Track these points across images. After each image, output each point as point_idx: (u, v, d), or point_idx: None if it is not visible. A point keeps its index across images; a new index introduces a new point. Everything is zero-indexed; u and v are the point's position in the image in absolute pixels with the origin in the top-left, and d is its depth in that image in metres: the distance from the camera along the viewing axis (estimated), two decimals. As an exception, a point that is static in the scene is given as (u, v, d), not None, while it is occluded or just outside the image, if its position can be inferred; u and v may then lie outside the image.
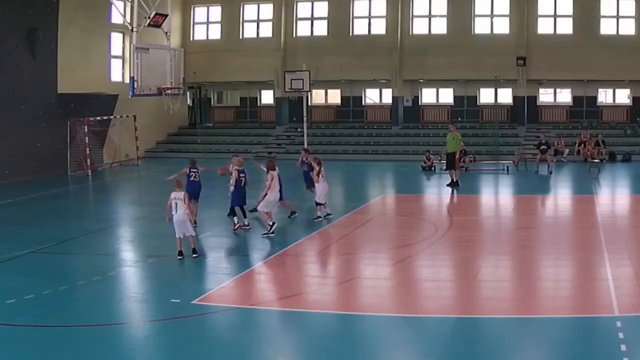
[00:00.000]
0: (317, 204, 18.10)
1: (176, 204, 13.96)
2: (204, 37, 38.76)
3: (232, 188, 17.05)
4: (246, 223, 17.21)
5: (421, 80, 36.80)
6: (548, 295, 11.78)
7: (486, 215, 20.48)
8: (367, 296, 12.18)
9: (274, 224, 16.41)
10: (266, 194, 16.46)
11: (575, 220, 19.12)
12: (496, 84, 32.64)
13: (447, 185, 24.20)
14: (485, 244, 16.03)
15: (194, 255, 14.18)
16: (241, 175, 16.93)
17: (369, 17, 36.61)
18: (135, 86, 25.10)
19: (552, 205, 22.54)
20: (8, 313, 10.95)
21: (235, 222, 17.07)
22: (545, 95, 36.25)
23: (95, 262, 14.55)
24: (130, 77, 25.94)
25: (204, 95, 40.85)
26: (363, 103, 38.47)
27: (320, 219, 17.98)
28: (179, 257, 14.09)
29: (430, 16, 35.83)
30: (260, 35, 38.06)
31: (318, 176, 17.79)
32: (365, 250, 15.57)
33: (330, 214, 18.43)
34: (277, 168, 16.90)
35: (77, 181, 28.19)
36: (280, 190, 17.43)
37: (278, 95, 37.51)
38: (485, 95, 36.12)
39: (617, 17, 33.06)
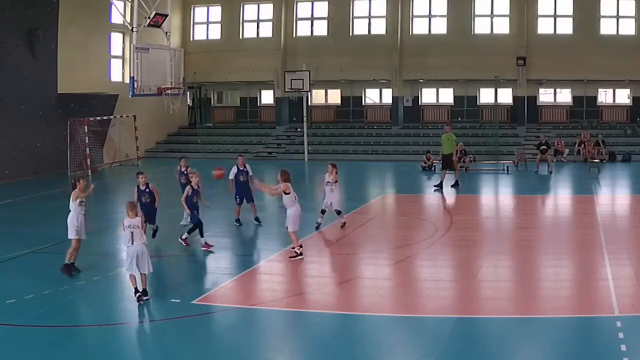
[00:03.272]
0: (337, 211, 17.43)
1: (132, 233, 11.38)
2: (204, 37, 38.78)
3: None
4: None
5: (421, 80, 36.79)
6: (548, 295, 11.77)
7: (486, 215, 20.49)
8: (367, 296, 12.18)
9: (301, 253, 14.39)
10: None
11: (575, 220, 19.10)
12: (496, 84, 32.66)
13: (435, 186, 23.76)
14: (485, 244, 16.02)
15: (145, 298, 11.47)
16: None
17: (369, 17, 36.61)
18: (135, 86, 25.10)
19: (552, 205, 22.54)
20: (8, 313, 10.95)
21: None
22: (545, 95, 36.23)
23: (95, 262, 14.54)
24: (130, 77, 25.94)
25: (204, 95, 40.86)
26: (363, 103, 38.46)
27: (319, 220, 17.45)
28: (141, 298, 11.41)
29: (430, 16, 35.84)
30: (260, 35, 38.07)
31: (336, 182, 17.17)
32: (365, 250, 15.56)
33: (320, 223, 17.52)
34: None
35: (77, 181, 28.13)
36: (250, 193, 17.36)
37: (278, 95, 37.52)
38: (485, 95, 36.10)
39: (617, 17, 33.06)
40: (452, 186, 24.10)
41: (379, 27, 36.44)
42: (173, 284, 13.03)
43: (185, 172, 17.05)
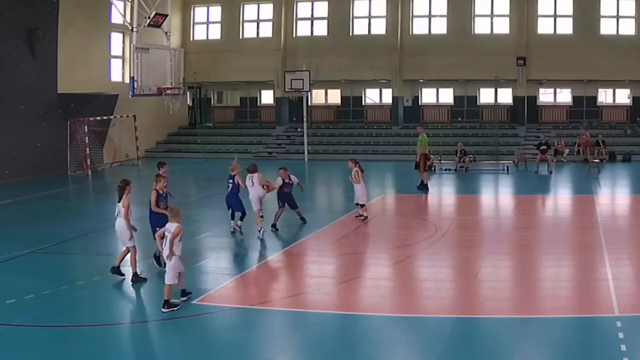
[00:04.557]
0: (359, 204, 18.25)
1: (166, 236, 11.15)
2: (204, 37, 38.80)
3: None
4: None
5: (421, 80, 36.80)
6: (548, 295, 11.77)
7: (486, 215, 20.48)
8: (367, 296, 12.18)
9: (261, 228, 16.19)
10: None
11: (575, 220, 19.11)
12: (496, 84, 32.66)
13: (418, 187, 23.74)
14: (485, 244, 16.03)
15: (164, 310, 10.96)
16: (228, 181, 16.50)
17: (369, 17, 36.63)
18: (135, 86, 25.10)
19: (552, 205, 22.54)
20: (8, 313, 10.95)
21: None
22: (545, 95, 36.25)
23: (95, 262, 14.55)
24: (130, 77, 25.94)
25: (204, 95, 40.86)
26: (363, 103, 38.47)
27: (364, 218, 18.05)
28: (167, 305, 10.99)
29: (430, 16, 35.86)
30: (260, 35, 38.09)
31: (358, 176, 17.88)
32: (365, 250, 15.58)
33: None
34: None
35: (77, 181, 28.19)
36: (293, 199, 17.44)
37: (278, 95, 37.53)
38: (485, 95, 36.12)
39: (617, 17, 33.08)
40: (418, 187, 23.75)
41: (379, 27, 36.45)
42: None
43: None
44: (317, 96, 39.04)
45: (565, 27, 33.94)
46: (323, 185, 27.36)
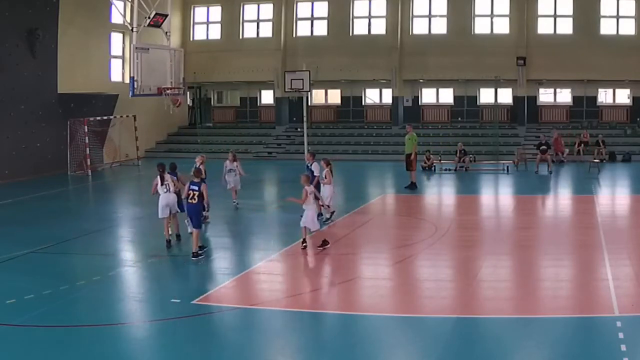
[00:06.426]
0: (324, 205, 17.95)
1: (311, 197, 15.02)
2: (204, 37, 38.79)
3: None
4: None
5: (421, 80, 36.80)
6: (548, 295, 11.78)
7: (486, 215, 20.48)
8: (367, 296, 12.18)
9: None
10: None
11: (575, 220, 19.11)
12: (496, 84, 32.64)
13: (405, 187, 23.70)
14: (485, 244, 16.03)
15: (324, 247, 15.10)
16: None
17: (369, 17, 36.63)
18: (135, 86, 25.06)
19: (552, 205, 22.54)
20: (8, 313, 10.95)
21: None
22: (545, 95, 36.25)
23: (95, 262, 14.55)
24: (130, 77, 25.91)
25: (204, 95, 40.86)
26: (363, 103, 38.47)
27: (328, 220, 17.91)
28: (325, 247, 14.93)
29: (430, 16, 35.85)
30: (260, 35, 38.08)
31: (328, 177, 17.59)
32: (365, 250, 15.57)
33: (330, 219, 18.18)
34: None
35: (77, 181, 28.19)
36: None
37: (278, 95, 37.53)
38: (485, 95, 36.11)
39: (617, 17, 33.08)
40: (405, 187, 23.69)
41: (379, 27, 36.44)
42: (173, 284, 13.03)
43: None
44: (317, 96, 39.03)
45: (565, 27, 33.93)
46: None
